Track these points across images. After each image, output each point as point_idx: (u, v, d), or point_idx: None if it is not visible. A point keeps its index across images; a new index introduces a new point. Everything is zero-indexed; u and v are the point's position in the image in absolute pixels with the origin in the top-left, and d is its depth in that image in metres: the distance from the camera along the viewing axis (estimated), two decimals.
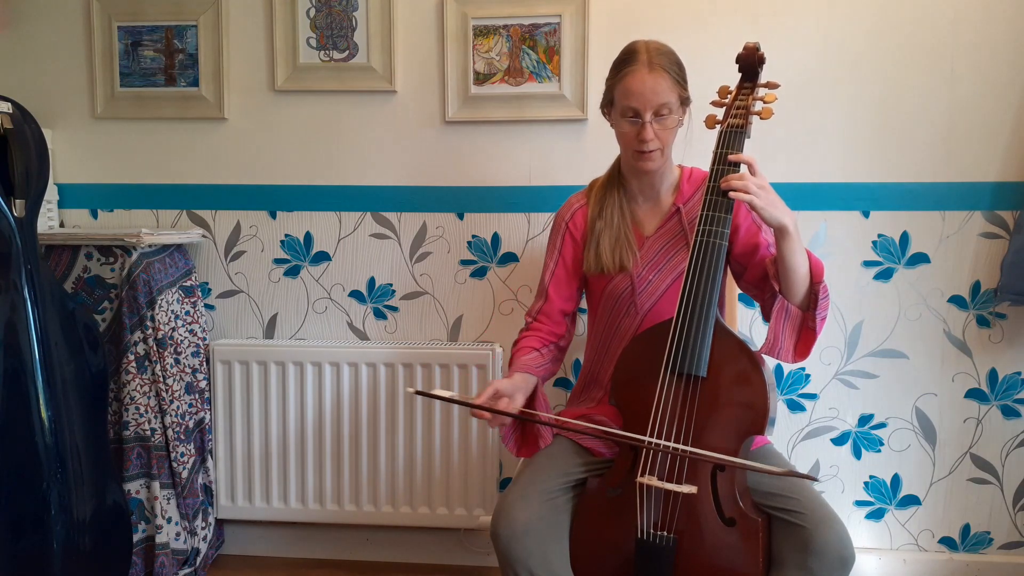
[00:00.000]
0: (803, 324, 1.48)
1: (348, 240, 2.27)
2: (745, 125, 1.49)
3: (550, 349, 1.68)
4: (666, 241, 1.64)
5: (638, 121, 1.53)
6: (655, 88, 1.50)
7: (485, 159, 2.19)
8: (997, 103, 2.04)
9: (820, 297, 1.45)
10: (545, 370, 1.64)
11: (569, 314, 1.73)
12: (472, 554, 2.27)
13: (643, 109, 1.51)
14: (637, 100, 1.51)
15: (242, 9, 2.22)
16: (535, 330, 1.70)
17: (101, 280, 2.06)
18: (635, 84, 1.51)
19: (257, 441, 2.22)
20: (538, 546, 1.42)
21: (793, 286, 1.45)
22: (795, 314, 1.47)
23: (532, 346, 1.66)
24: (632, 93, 1.51)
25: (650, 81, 1.50)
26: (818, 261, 1.47)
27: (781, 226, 1.40)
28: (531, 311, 1.72)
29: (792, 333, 1.48)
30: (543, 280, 1.72)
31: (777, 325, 1.47)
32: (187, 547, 2.13)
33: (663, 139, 1.54)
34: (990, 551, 2.15)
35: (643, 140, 1.53)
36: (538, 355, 1.64)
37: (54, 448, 1.82)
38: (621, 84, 1.54)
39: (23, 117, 1.84)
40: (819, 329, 1.47)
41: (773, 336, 1.47)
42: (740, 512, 1.38)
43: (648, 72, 1.50)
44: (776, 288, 1.48)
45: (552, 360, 1.68)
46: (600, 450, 1.58)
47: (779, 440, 2.17)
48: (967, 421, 2.12)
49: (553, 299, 1.70)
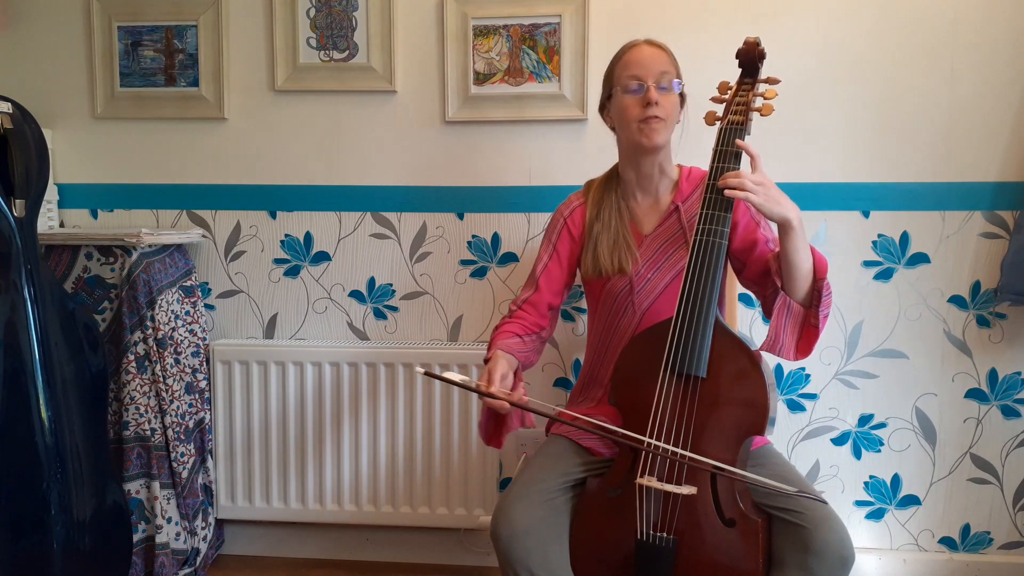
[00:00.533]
0: (805, 321, 1.47)
1: (348, 240, 2.27)
2: (745, 122, 1.48)
3: (532, 339, 1.66)
4: (665, 239, 1.64)
5: (641, 88, 1.55)
6: (655, 56, 1.58)
7: (485, 159, 2.19)
8: (997, 103, 2.04)
9: (823, 294, 1.44)
10: (524, 357, 1.63)
11: (555, 308, 1.72)
12: (472, 554, 2.27)
13: (646, 75, 1.55)
14: (638, 67, 1.56)
15: (242, 9, 2.22)
16: (519, 318, 1.69)
17: (101, 280, 2.06)
18: (635, 55, 1.59)
19: (257, 441, 2.22)
20: (538, 546, 1.41)
21: (796, 282, 1.44)
22: (797, 311, 1.47)
23: (514, 331, 1.64)
24: (633, 62, 1.58)
25: (649, 51, 1.59)
26: (822, 257, 1.46)
27: (784, 221, 1.39)
28: (517, 300, 1.71)
29: (794, 330, 1.47)
30: (534, 271, 1.71)
31: (778, 322, 1.46)
32: (187, 547, 2.13)
33: (667, 109, 1.56)
34: (990, 551, 2.15)
35: (648, 103, 1.54)
36: (520, 342, 1.63)
37: (54, 448, 1.82)
38: (621, 61, 1.61)
39: (23, 117, 1.84)
40: (822, 326, 1.46)
41: (774, 333, 1.46)
42: (740, 513, 1.38)
43: (647, 46, 1.60)
44: (778, 284, 1.47)
45: (532, 350, 1.66)
46: (600, 450, 1.58)
47: (779, 440, 2.17)
48: (967, 421, 2.12)
49: (543, 290, 1.69)
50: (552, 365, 2.23)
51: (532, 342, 1.66)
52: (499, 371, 1.46)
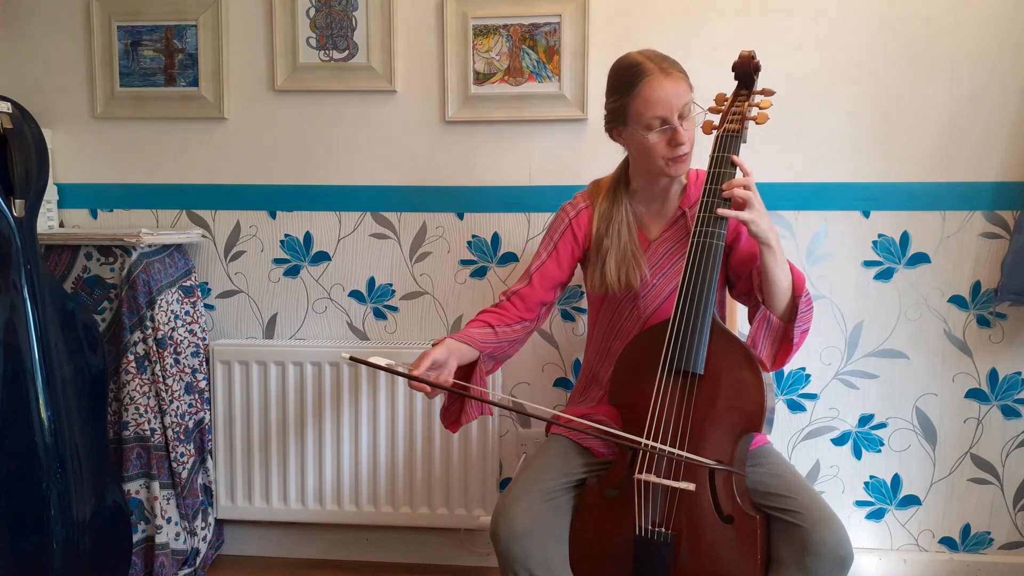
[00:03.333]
0: (784, 335, 1.49)
1: (348, 240, 2.27)
2: (741, 130, 1.51)
3: (510, 330, 1.63)
4: (671, 245, 1.64)
5: (668, 128, 1.50)
6: (676, 91, 1.49)
7: (485, 159, 2.19)
8: (997, 103, 2.04)
9: (801, 310, 1.47)
10: (493, 348, 1.59)
11: (547, 304, 1.70)
12: (472, 554, 2.27)
13: (671, 115, 1.49)
14: (663, 107, 1.49)
15: (242, 9, 2.22)
16: (502, 309, 1.65)
17: (101, 280, 2.06)
18: (656, 92, 1.49)
19: (257, 441, 2.22)
20: (538, 546, 1.41)
21: (775, 298, 1.47)
22: (776, 324, 1.49)
23: (488, 322, 1.61)
24: (655, 102, 1.49)
25: (670, 86, 1.49)
26: (800, 273, 1.49)
27: (767, 240, 1.43)
28: (507, 291, 1.68)
29: (771, 343, 1.50)
30: (530, 266, 1.69)
31: (757, 332, 1.49)
32: (187, 547, 2.13)
33: (691, 137, 1.54)
34: (990, 551, 2.15)
35: (678, 144, 1.51)
36: (491, 332, 1.60)
37: (54, 448, 1.82)
38: (639, 98, 1.50)
39: (23, 117, 1.84)
40: (799, 342, 1.49)
41: (752, 343, 1.49)
42: (738, 510, 1.39)
43: (665, 77, 1.49)
44: (760, 299, 1.51)
45: (508, 342, 1.63)
46: (600, 450, 1.58)
47: (779, 440, 2.17)
48: (967, 421, 2.12)
49: (535, 286, 1.66)
50: (552, 365, 2.23)
51: (508, 334, 1.63)
52: (431, 357, 1.43)
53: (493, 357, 1.62)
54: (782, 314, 1.49)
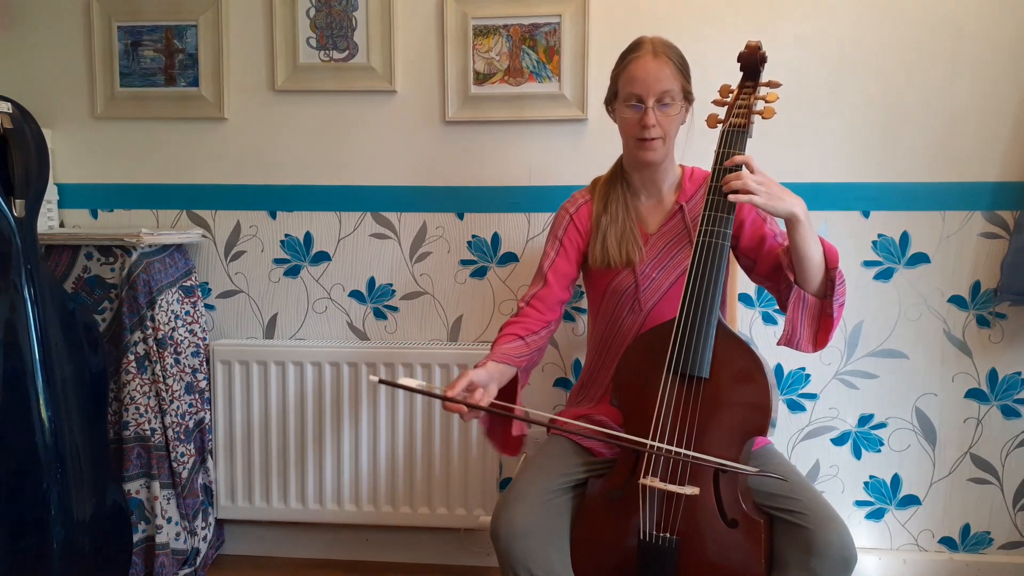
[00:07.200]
0: (821, 312, 1.47)
1: (348, 240, 2.27)
2: (747, 124, 1.49)
3: (537, 337, 1.61)
4: (670, 239, 1.64)
5: (641, 107, 1.54)
6: (658, 75, 1.53)
7: (485, 159, 2.19)
8: (997, 103, 2.04)
9: (836, 283, 1.44)
10: (527, 360, 1.59)
11: (564, 302, 1.69)
12: (472, 554, 2.27)
13: (646, 95, 1.53)
14: (640, 86, 1.53)
15: (242, 9, 2.22)
16: (524, 316, 1.64)
17: (101, 280, 2.06)
18: (638, 70, 1.54)
19: (257, 441, 2.22)
20: (538, 546, 1.41)
21: (808, 274, 1.44)
22: (812, 303, 1.47)
23: (516, 334, 1.59)
24: (635, 79, 1.54)
25: (653, 67, 1.53)
26: (832, 247, 1.46)
27: (791, 216, 1.40)
28: (525, 297, 1.67)
29: (811, 322, 1.48)
30: (541, 267, 1.68)
31: (795, 315, 1.47)
32: (187, 547, 2.13)
33: (665, 127, 1.55)
34: (990, 551, 2.15)
35: (645, 126, 1.54)
36: (522, 344, 1.58)
37: (54, 448, 1.81)
38: (625, 72, 1.56)
39: (23, 117, 1.84)
40: (838, 316, 1.46)
41: (791, 327, 1.47)
42: (742, 513, 1.38)
43: (652, 59, 1.54)
44: (791, 278, 1.47)
45: (537, 349, 1.62)
46: (600, 450, 1.58)
47: (779, 440, 2.17)
48: (967, 421, 2.12)
49: (552, 285, 1.65)
50: (552, 365, 2.23)
51: (536, 341, 1.61)
52: (469, 377, 1.39)
53: (526, 370, 1.62)
54: (817, 290, 1.46)
